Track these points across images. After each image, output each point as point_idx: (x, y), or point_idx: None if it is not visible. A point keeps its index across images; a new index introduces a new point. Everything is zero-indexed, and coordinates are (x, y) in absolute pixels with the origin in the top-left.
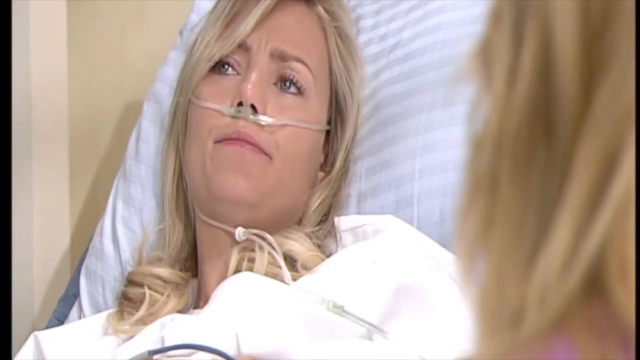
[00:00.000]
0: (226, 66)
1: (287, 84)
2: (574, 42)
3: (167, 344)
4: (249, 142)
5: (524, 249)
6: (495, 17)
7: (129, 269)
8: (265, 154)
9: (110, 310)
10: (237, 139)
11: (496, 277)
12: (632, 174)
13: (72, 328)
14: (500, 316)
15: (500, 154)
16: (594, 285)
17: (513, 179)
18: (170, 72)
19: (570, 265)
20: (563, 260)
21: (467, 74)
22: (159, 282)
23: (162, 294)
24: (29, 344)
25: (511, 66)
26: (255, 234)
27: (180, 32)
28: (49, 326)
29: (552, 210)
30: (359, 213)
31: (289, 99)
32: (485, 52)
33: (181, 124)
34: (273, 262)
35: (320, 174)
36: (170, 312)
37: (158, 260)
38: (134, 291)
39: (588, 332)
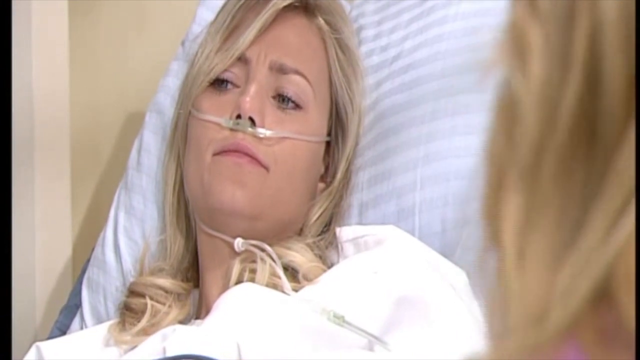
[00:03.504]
0: (225, 83)
1: (285, 100)
2: (624, 55)
3: (169, 354)
4: (246, 154)
5: (557, 250)
6: (530, 4)
7: (131, 279)
8: (263, 166)
9: (112, 321)
10: (235, 151)
11: (534, 275)
12: None
13: (73, 338)
14: (530, 313)
15: (544, 157)
16: (604, 293)
17: (555, 182)
18: (172, 83)
19: (590, 270)
20: (585, 264)
21: (494, 61)
22: (160, 292)
23: (164, 304)
24: (31, 354)
25: (558, 74)
26: (254, 245)
27: (182, 43)
28: (50, 336)
29: (585, 216)
30: (360, 223)
31: (288, 112)
32: (517, 40)
33: (182, 135)
34: (274, 273)
35: (321, 185)
36: (172, 323)
37: (160, 271)
38: (135, 301)
39: (596, 337)
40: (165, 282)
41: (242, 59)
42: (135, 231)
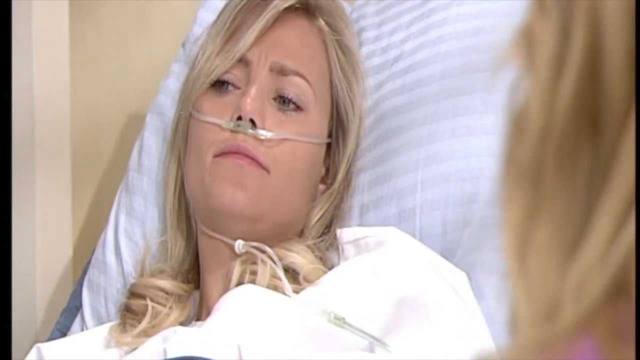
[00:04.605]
0: (226, 85)
1: (286, 101)
2: (623, 43)
3: (170, 356)
4: (247, 156)
5: (566, 243)
6: (539, 3)
7: (132, 280)
8: (263, 168)
9: (112, 322)
10: (236, 153)
11: (538, 270)
12: None
13: (74, 340)
14: (539, 309)
15: (545, 149)
16: (621, 288)
17: (558, 174)
18: (172, 85)
19: (604, 263)
20: (599, 257)
21: (507, 59)
22: (161, 294)
23: (165, 305)
24: (32, 355)
25: (558, 62)
26: (255, 247)
27: (183, 45)
28: (51, 338)
29: (594, 208)
30: (361, 225)
31: (288, 114)
32: (527, 38)
33: (182, 137)
34: (275, 275)
35: (322, 187)
36: (172, 324)
37: (160, 272)
38: (136, 303)
39: (611, 334)
40: (166, 283)
41: (242, 61)
42: (135, 232)
